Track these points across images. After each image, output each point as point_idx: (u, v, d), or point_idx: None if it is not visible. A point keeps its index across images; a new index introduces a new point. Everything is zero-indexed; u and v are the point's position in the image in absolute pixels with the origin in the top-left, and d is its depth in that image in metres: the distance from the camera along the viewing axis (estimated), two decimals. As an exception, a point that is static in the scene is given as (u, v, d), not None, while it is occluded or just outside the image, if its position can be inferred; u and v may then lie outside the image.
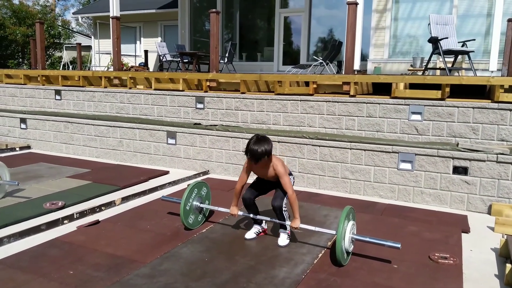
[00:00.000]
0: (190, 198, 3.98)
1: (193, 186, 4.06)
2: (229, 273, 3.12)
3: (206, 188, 4.27)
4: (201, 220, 4.15)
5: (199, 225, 4.12)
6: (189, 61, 11.05)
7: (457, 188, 4.90)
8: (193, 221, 4.02)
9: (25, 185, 5.31)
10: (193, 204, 4.02)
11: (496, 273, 3.28)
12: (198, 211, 4.10)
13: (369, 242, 3.38)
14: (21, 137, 8.31)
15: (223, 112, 6.45)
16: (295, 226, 3.49)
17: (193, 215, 4.03)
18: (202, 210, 4.17)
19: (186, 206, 3.92)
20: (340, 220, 3.27)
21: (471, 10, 9.07)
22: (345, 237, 3.29)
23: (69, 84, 7.98)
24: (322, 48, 11.92)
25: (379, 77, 5.69)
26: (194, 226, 4.04)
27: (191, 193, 4.01)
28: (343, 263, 3.29)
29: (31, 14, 21.57)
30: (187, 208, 3.94)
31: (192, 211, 4.00)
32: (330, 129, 5.73)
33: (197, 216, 4.09)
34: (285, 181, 3.52)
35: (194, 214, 4.04)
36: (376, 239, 3.40)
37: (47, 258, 3.33)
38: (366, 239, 3.40)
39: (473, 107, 4.97)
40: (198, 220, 4.11)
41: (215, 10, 6.68)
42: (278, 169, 3.54)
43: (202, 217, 4.17)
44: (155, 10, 15.41)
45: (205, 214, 4.25)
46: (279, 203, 3.57)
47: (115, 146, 7.21)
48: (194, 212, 4.04)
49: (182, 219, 3.89)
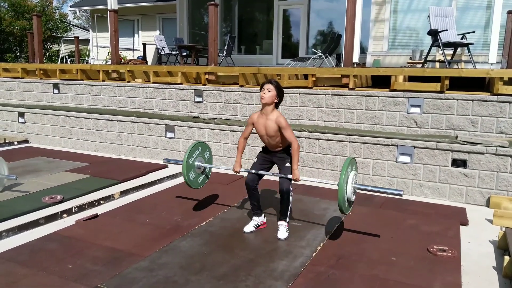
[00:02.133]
0: (193, 154, 3.99)
1: (196, 144, 4.07)
2: (228, 266, 3.12)
3: (208, 152, 4.27)
4: (202, 181, 4.19)
5: (201, 185, 4.18)
6: (188, 54, 11.00)
7: (456, 181, 4.91)
8: (193, 178, 4.04)
9: (24, 179, 5.30)
10: (195, 164, 4.05)
11: (494, 265, 3.29)
12: (201, 171, 4.13)
13: (371, 190, 3.50)
14: (19, 131, 8.29)
15: (222, 106, 6.43)
16: (296, 178, 3.52)
17: (195, 173, 4.05)
18: (205, 171, 4.20)
19: (189, 160, 3.94)
20: (342, 169, 3.32)
21: (471, 2, 9.02)
22: (348, 186, 3.33)
23: (67, 77, 7.94)
24: (321, 41, 11.87)
25: (379, 70, 5.67)
26: (195, 184, 4.07)
27: (195, 149, 4.03)
28: (345, 212, 3.42)
29: (29, 7, 21.43)
30: (190, 162, 3.96)
31: (194, 168, 4.03)
32: (329, 122, 5.71)
33: (198, 176, 4.11)
34: (289, 134, 3.55)
35: (196, 173, 4.06)
36: (377, 187, 3.51)
37: (46, 252, 3.33)
38: (368, 188, 3.52)
39: (472, 99, 4.96)
40: (199, 181, 4.13)
41: (214, 3, 6.64)
42: (281, 120, 3.55)
43: (204, 177, 4.20)
44: (153, 3, 15.31)
45: (208, 176, 4.29)
46: (287, 186, 3.56)
47: (113, 140, 7.20)
48: (196, 171, 4.06)
49: (184, 174, 3.91)
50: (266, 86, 3.59)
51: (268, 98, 3.56)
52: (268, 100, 3.57)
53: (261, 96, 3.58)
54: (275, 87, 3.59)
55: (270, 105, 3.60)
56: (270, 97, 3.57)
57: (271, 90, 3.57)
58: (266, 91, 3.57)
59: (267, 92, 3.57)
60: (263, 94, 3.58)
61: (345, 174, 3.32)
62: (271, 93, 3.57)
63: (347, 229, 3.90)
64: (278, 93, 3.60)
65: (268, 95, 3.56)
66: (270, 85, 3.59)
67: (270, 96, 3.57)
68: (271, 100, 3.59)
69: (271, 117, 3.59)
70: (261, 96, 3.59)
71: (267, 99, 3.56)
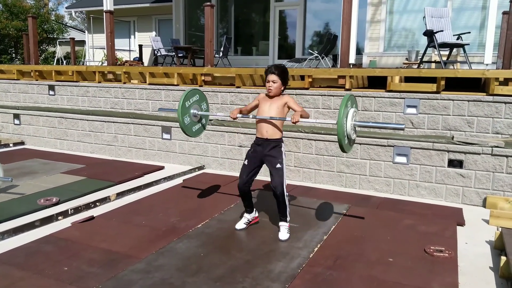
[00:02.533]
0: (190, 99, 3.93)
1: (193, 90, 4.01)
2: (225, 268, 3.11)
3: (205, 103, 4.24)
4: (198, 130, 4.14)
5: (196, 134, 4.14)
6: (184, 56, 10.99)
7: (452, 181, 4.92)
8: (188, 123, 3.98)
9: (19, 181, 5.27)
10: (191, 111, 4.00)
11: (491, 265, 3.30)
12: (197, 120, 4.08)
13: (372, 126, 3.43)
14: (15, 133, 8.24)
15: (218, 107, 6.42)
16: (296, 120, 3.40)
17: (190, 119, 4.00)
18: (201, 120, 4.16)
19: (185, 103, 3.88)
20: (341, 105, 3.25)
21: (466, 3, 9.06)
22: (347, 124, 3.27)
23: (63, 79, 7.91)
24: (318, 42, 11.89)
25: (375, 71, 5.67)
26: (190, 131, 4.01)
27: (192, 95, 3.98)
28: (346, 150, 3.33)
29: (24, 8, 21.34)
30: (186, 105, 3.90)
31: (189, 114, 3.97)
32: (325, 124, 5.71)
33: (194, 124, 4.06)
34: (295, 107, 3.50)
35: (191, 120, 4.00)
36: (378, 123, 3.43)
37: (42, 254, 3.31)
38: (369, 124, 3.47)
39: (468, 100, 4.97)
40: (194, 129, 4.06)
41: (210, 4, 6.63)
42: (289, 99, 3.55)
43: (200, 127, 4.15)
44: (149, 4, 15.28)
45: (204, 126, 4.26)
46: (280, 189, 3.50)
47: (109, 142, 7.17)
48: (192, 119, 4.02)
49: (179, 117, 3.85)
50: (270, 78, 3.56)
51: (275, 90, 3.58)
52: (276, 92, 3.59)
53: (268, 89, 3.58)
54: (279, 76, 3.55)
55: (278, 94, 3.62)
56: (277, 89, 3.58)
57: (276, 81, 3.56)
58: (271, 83, 3.56)
59: (273, 84, 3.56)
60: (269, 87, 3.56)
61: (343, 109, 3.23)
62: (276, 84, 3.56)
63: (344, 229, 3.90)
64: (283, 82, 3.59)
65: (275, 87, 3.56)
66: (273, 76, 3.54)
67: (276, 87, 3.57)
68: (279, 91, 3.60)
69: (279, 99, 3.61)
70: (267, 89, 3.59)
71: (275, 91, 3.58)
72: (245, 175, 3.67)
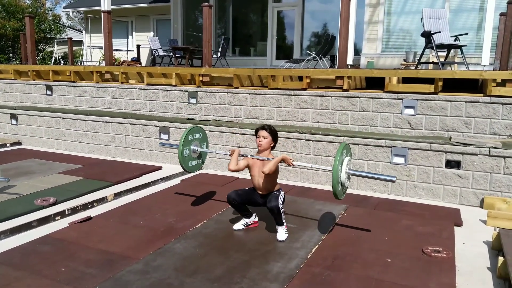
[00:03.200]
0: (189, 138, 4.16)
1: (192, 128, 4.23)
2: (223, 268, 3.11)
3: (206, 143, 4.45)
4: (198, 165, 4.38)
5: (195, 170, 4.38)
6: (182, 56, 10.98)
7: (450, 182, 4.93)
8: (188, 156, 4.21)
9: (16, 181, 5.25)
10: (191, 148, 4.21)
11: (489, 266, 3.30)
12: (196, 156, 4.30)
13: (365, 176, 3.60)
14: (12, 133, 8.21)
15: (216, 107, 6.42)
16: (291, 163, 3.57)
17: (190, 158, 4.24)
18: (200, 156, 4.37)
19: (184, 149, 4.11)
20: (336, 153, 3.36)
21: (464, 4, 9.09)
22: (342, 172, 3.38)
23: (60, 79, 7.89)
24: (316, 42, 11.90)
25: (373, 72, 5.68)
26: (187, 165, 4.22)
27: (191, 133, 4.19)
28: (339, 197, 3.45)
29: (21, 8, 21.28)
30: (185, 154, 4.14)
31: (189, 154, 4.20)
32: (323, 124, 5.72)
33: (194, 160, 4.30)
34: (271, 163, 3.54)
35: (191, 157, 4.25)
36: (371, 173, 3.56)
37: (39, 255, 3.30)
38: (362, 174, 3.61)
39: (466, 101, 4.98)
40: (191, 165, 4.29)
41: (208, 4, 6.63)
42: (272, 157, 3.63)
43: (199, 162, 4.38)
44: (147, 4, 15.27)
45: (203, 160, 4.47)
46: (275, 203, 3.56)
47: (107, 142, 7.16)
48: (192, 155, 4.24)
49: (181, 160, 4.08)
50: (261, 133, 3.69)
51: (265, 145, 3.69)
52: (265, 147, 3.69)
53: (258, 144, 3.70)
54: (270, 133, 3.68)
55: (266, 150, 3.71)
56: (267, 143, 3.69)
57: (267, 136, 3.68)
58: (262, 138, 3.68)
59: (263, 139, 3.68)
60: (259, 142, 3.69)
61: (339, 158, 3.34)
62: (266, 139, 3.69)
63: (342, 230, 3.90)
64: (273, 138, 3.71)
65: (265, 142, 3.68)
66: (264, 131, 3.68)
67: (267, 143, 3.69)
68: (268, 146, 3.71)
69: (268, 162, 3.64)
70: (257, 144, 3.70)
71: (264, 145, 3.69)
72: (242, 192, 3.80)
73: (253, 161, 3.75)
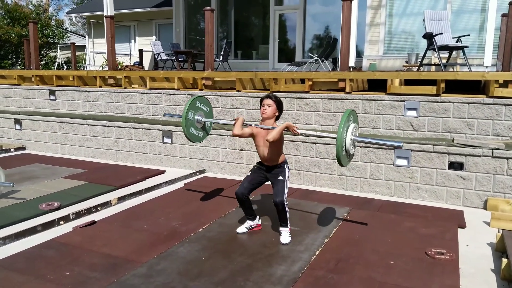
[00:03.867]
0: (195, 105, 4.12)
1: (196, 98, 4.19)
2: (226, 272, 3.11)
3: (208, 107, 4.39)
4: (203, 136, 4.34)
5: (200, 140, 4.35)
6: (184, 60, 11.01)
7: (453, 184, 4.92)
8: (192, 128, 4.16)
9: (21, 186, 5.28)
10: (195, 118, 4.19)
11: (492, 267, 3.29)
12: (200, 126, 4.26)
13: (370, 142, 3.61)
14: (16, 138, 8.26)
15: (219, 111, 6.43)
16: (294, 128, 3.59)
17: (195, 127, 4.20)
18: (205, 127, 4.32)
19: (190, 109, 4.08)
20: (341, 119, 3.34)
21: (465, 6, 9.09)
22: (347, 137, 3.37)
23: (64, 84, 7.93)
24: (317, 45, 11.91)
25: (375, 74, 5.69)
26: (193, 136, 4.20)
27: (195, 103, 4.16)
28: (343, 164, 3.44)
29: (25, 14, 21.41)
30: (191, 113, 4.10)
31: (194, 121, 4.17)
32: (326, 126, 5.72)
33: (198, 130, 4.25)
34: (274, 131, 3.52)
35: (195, 127, 4.21)
36: (377, 139, 3.58)
37: (43, 259, 3.32)
38: (368, 140, 3.62)
39: (468, 102, 4.98)
40: (197, 136, 4.26)
41: (210, 8, 6.66)
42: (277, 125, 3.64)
43: (204, 133, 4.34)
44: (149, 9, 15.34)
45: (207, 132, 4.42)
46: (280, 198, 3.57)
47: (110, 146, 7.18)
48: (196, 125, 4.21)
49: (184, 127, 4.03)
50: (265, 102, 3.69)
51: (269, 113, 3.68)
52: (269, 115, 3.68)
53: (262, 112, 3.69)
54: (275, 101, 3.68)
55: (271, 119, 3.70)
56: (271, 112, 3.68)
57: (271, 105, 3.68)
58: (266, 106, 3.68)
59: (267, 107, 3.68)
60: (263, 109, 3.68)
61: (343, 124, 3.32)
62: (271, 108, 3.68)
63: (345, 232, 3.90)
64: (278, 107, 3.71)
65: (269, 110, 3.68)
66: (269, 100, 3.69)
67: (271, 111, 3.68)
68: (272, 115, 3.70)
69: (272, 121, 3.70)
70: (261, 111, 3.69)
71: (269, 114, 3.68)
72: (246, 183, 3.78)
73: (257, 131, 3.74)
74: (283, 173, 3.71)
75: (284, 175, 3.69)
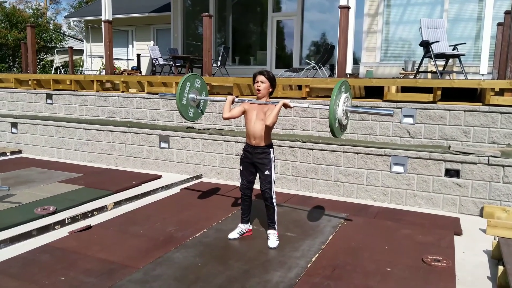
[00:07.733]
0: (188, 82, 4.13)
1: (192, 75, 4.21)
2: (223, 278, 3.10)
3: (205, 91, 4.40)
4: (196, 114, 4.36)
5: (195, 119, 4.37)
6: (182, 65, 11.02)
7: (449, 191, 4.93)
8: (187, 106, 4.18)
9: (16, 190, 5.25)
10: (190, 96, 4.18)
11: (489, 275, 3.30)
12: (195, 104, 4.27)
13: (362, 112, 3.62)
14: (12, 141, 8.23)
15: (216, 116, 6.44)
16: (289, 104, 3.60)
17: (189, 105, 4.22)
18: (199, 105, 4.34)
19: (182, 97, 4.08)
20: (334, 90, 3.34)
21: (462, 14, 9.16)
22: (339, 107, 3.39)
23: (61, 88, 7.92)
24: (315, 51, 11.96)
25: (371, 81, 5.72)
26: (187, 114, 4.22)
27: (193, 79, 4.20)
28: (337, 135, 3.46)
29: (23, 18, 21.41)
30: (183, 102, 4.11)
31: (187, 100, 4.18)
32: (323, 133, 5.74)
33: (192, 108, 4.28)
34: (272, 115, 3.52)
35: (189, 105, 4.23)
36: (368, 108, 3.60)
37: (38, 264, 3.29)
38: (359, 110, 3.67)
39: (465, 110, 5.01)
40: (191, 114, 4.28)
41: (208, 14, 6.68)
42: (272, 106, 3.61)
43: (198, 112, 4.37)
44: (147, 14, 15.37)
45: (202, 111, 4.45)
46: (269, 192, 3.64)
47: (107, 151, 7.17)
48: (190, 103, 4.22)
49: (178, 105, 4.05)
50: (258, 78, 3.69)
51: (263, 91, 3.68)
52: (264, 93, 3.69)
53: (256, 89, 3.69)
54: (268, 78, 3.68)
55: (265, 96, 3.72)
56: (265, 89, 3.69)
57: (264, 81, 3.68)
58: (260, 83, 3.68)
59: (261, 84, 3.68)
60: (257, 86, 3.68)
61: (336, 95, 3.34)
62: (265, 84, 3.68)
63: (341, 239, 3.90)
64: (271, 83, 3.71)
65: (263, 87, 3.68)
66: (262, 76, 3.68)
67: (265, 88, 3.69)
68: (266, 92, 3.71)
69: (265, 106, 3.69)
70: (256, 89, 3.70)
71: (263, 91, 3.69)
72: (245, 177, 3.81)
73: (250, 106, 3.74)
74: (269, 166, 3.67)
75: (270, 168, 3.67)
